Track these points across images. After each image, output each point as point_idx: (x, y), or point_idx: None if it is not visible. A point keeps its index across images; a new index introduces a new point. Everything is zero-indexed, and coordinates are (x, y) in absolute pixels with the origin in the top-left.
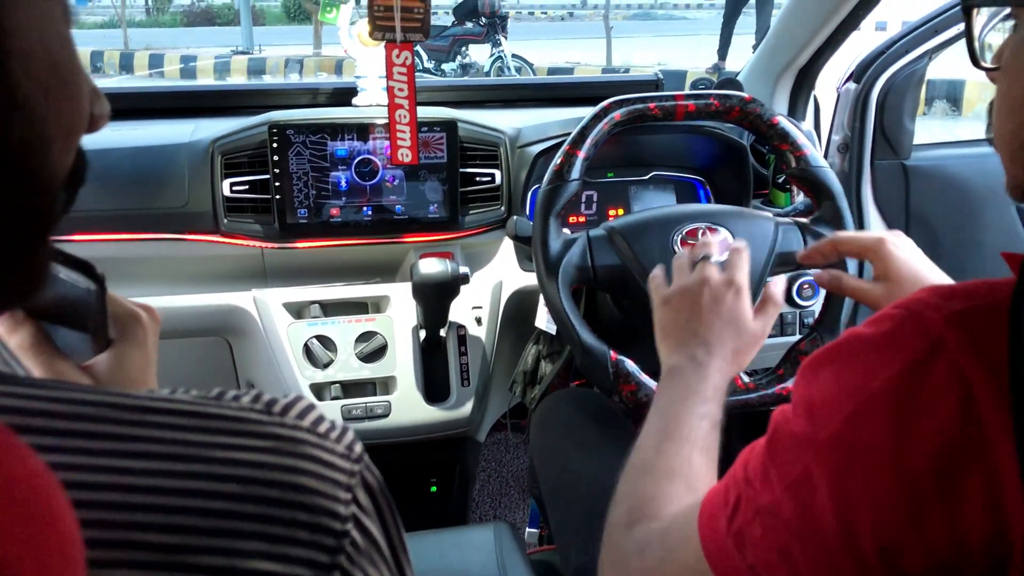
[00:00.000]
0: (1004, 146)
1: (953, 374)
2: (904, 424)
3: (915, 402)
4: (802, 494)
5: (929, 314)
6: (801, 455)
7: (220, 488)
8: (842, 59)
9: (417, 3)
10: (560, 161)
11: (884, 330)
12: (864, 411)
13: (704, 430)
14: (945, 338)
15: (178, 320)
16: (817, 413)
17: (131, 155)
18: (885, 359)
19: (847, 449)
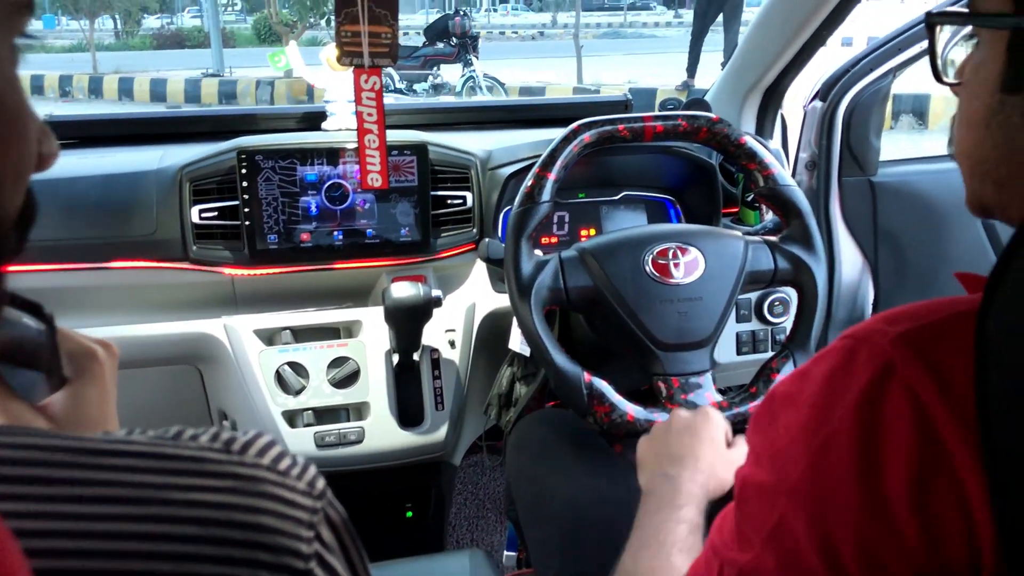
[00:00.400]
0: (964, 160)
1: (907, 395)
2: (869, 452)
3: (875, 428)
4: (781, 543)
5: (876, 339)
6: (773, 505)
7: (179, 531)
8: (808, 77)
9: (385, 28)
10: (531, 183)
11: (836, 362)
12: (828, 446)
13: (681, 533)
14: (894, 359)
15: (147, 349)
16: (781, 459)
17: (98, 183)
18: (839, 390)
19: (818, 488)
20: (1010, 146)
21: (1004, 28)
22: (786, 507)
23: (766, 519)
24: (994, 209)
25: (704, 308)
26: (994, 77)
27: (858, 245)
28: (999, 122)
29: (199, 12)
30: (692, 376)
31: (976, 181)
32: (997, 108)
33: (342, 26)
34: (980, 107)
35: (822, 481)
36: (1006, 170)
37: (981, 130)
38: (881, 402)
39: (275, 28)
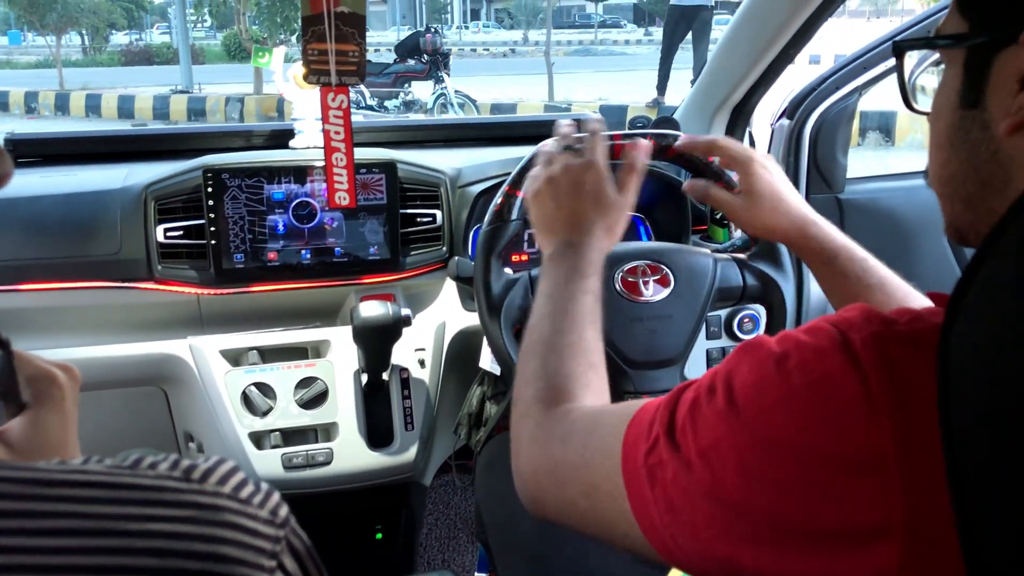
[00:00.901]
0: (936, 184)
1: (864, 394)
2: (813, 426)
3: (826, 409)
4: (711, 462)
5: (853, 334)
6: (716, 427)
7: (136, 563)
8: (776, 95)
9: (352, 47)
10: (500, 202)
11: (815, 341)
12: (780, 405)
13: (589, 304)
14: (862, 359)
15: (111, 370)
16: (738, 394)
17: (61, 202)
18: (809, 364)
19: (758, 434)
20: (973, 161)
21: (961, 47)
22: (724, 436)
23: (706, 435)
24: (967, 231)
25: (674, 326)
26: (954, 95)
27: None
28: (962, 138)
29: (168, 28)
30: (662, 394)
31: (948, 204)
32: (959, 125)
33: (309, 44)
34: (944, 127)
35: (762, 431)
36: (973, 187)
37: (947, 149)
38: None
39: (245, 45)
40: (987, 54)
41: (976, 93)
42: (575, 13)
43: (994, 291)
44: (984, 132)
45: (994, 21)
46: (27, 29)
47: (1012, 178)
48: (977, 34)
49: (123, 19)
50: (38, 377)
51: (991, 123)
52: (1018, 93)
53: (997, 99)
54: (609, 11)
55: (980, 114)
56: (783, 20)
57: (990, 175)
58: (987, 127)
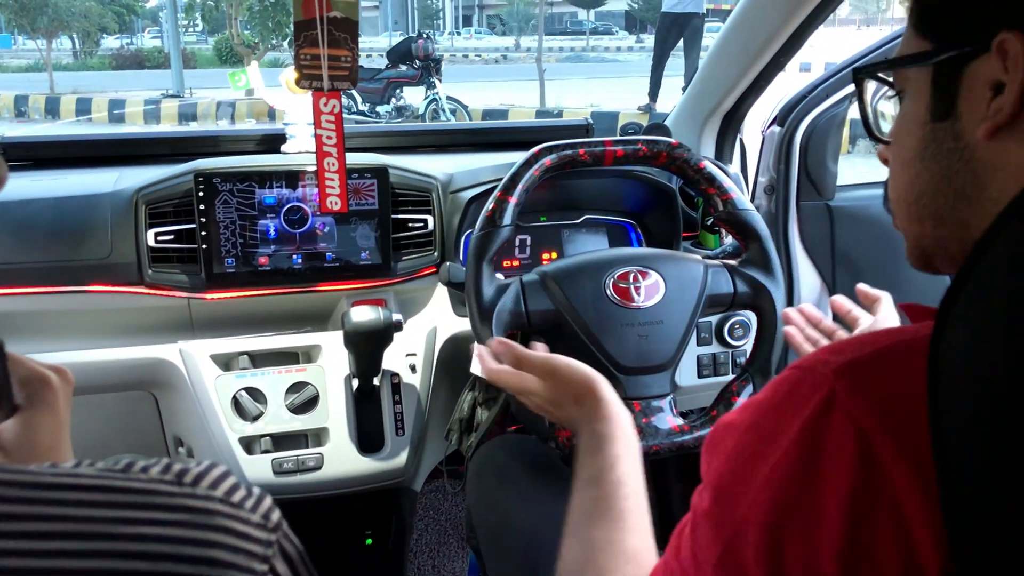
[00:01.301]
0: (901, 202)
1: (848, 424)
2: (812, 482)
3: (819, 457)
4: (730, 570)
5: (820, 369)
6: (720, 534)
7: (127, 567)
8: (767, 102)
9: (344, 52)
10: (492, 207)
11: (781, 392)
12: (774, 477)
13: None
14: (836, 390)
15: (101, 374)
16: (727, 489)
17: (52, 206)
18: (784, 420)
19: (765, 516)
20: (946, 173)
21: (927, 65)
22: (732, 538)
23: (714, 546)
24: (934, 253)
25: (665, 332)
26: (923, 111)
27: (816, 268)
28: (932, 152)
29: (159, 33)
30: (653, 399)
31: (915, 224)
32: (930, 137)
33: (301, 49)
34: (913, 143)
35: (767, 509)
36: (943, 200)
37: (916, 165)
38: (823, 432)
39: (237, 49)
40: (956, 67)
41: (947, 105)
42: (567, 20)
43: (983, 301)
44: (958, 142)
45: (959, 36)
46: (17, 33)
47: (986, 185)
48: (944, 50)
49: (114, 23)
50: (31, 379)
51: (964, 132)
52: (992, 99)
53: (970, 109)
54: (601, 18)
55: (952, 125)
56: (774, 28)
57: (962, 186)
58: (960, 137)
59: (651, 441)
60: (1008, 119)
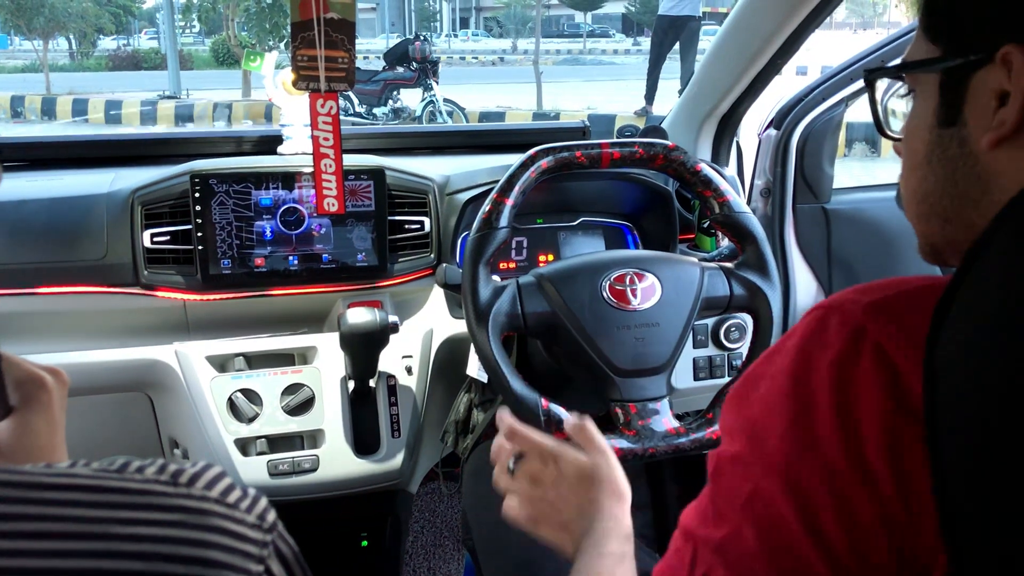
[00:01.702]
0: (911, 202)
1: (879, 357)
2: (845, 414)
3: (849, 389)
4: (759, 509)
5: (848, 307)
6: (749, 474)
7: (122, 567)
8: (764, 105)
9: (341, 53)
10: (488, 209)
11: (808, 331)
12: (805, 411)
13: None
14: (866, 326)
15: (96, 376)
16: (756, 429)
17: (47, 206)
18: (814, 356)
19: (795, 452)
20: (951, 177)
21: (935, 71)
22: (762, 476)
23: (741, 488)
24: (944, 249)
25: (661, 334)
26: (930, 115)
27: (812, 271)
28: (939, 156)
29: (156, 34)
30: (649, 402)
31: (924, 222)
32: (936, 142)
33: (298, 50)
34: (920, 147)
35: (799, 445)
36: (949, 202)
37: (924, 167)
38: (854, 364)
39: (233, 51)
40: (963, 75)
41: (953, 112)
42: (564, 22)
43: (980, 299)
44: (963, 148)
45: (966, 45)
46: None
47: (991, 190)
48: (951, 57)
49: (111, 24)
50: (25, 380)
51: (969, 139)
52: (997, 109)
53: (975, 116)
54: (598, 21)
55: (958, 131)
56: (771, 31)
57: (968, 189)
58: (965, 143)
59: (647, 443)
60: (1012, 131)
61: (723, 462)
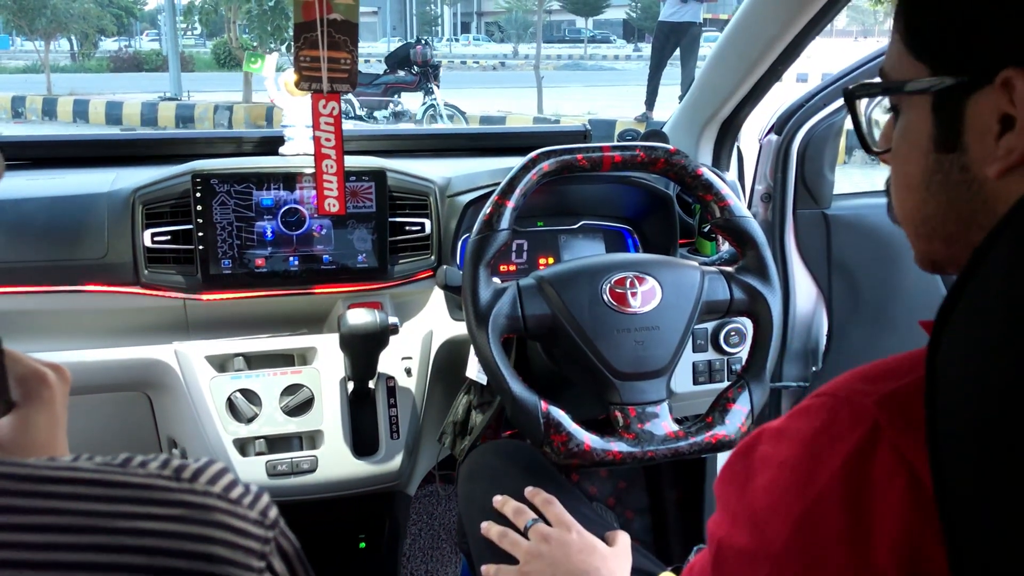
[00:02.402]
0: (908, 222)
1: (896, 459)
2: (859, 516)
3: (865, 492)
4: None
5: (859, 399)
6: (755, 572)
7: (125, 561)
8: (764, 111)
9: (343, 54)
10: (489, 211)
11: (818, 422)
12: (815, 510)
13: None
14: (880, 422)
15: (95, 375)
16: (762, 523)
17: (47, 205)
18: (825, 452)
19: (804, 553)
20: (954, 204)
21: (924, 93)
22: (770, 573)
23: None
24: (945, 263)
25: (661, 337)
26: (925, 139)
27: (812, 277)
28: (939, 181)
29: (157, 36)
30: (649, 405)
31: (923, 241)
32: (935, 168)
33: (301, 51)
34: (916, 171)
35: (808, 546)
36: (953, 226)
37: (921, 192)
38: (869, 465)
39: (235, 53)
40: (958, 97)
41: (952, 137)
42: (565, 28)
43: (980, 311)
44: (965, 174)
45: (957, 65)
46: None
47: (997, 212)
48: (940, 78)
49: (112, 25)
50: (28, 376)
51: (972, 166)
52: (1000, 134)
53: (976, 141)
54: (599, 26)
55: (959, 158)
56: (773, 36)
57: (973, 213)
58: (968, 170)
59: (646, 447)
60: (1021, 159)
61: (728, 553)
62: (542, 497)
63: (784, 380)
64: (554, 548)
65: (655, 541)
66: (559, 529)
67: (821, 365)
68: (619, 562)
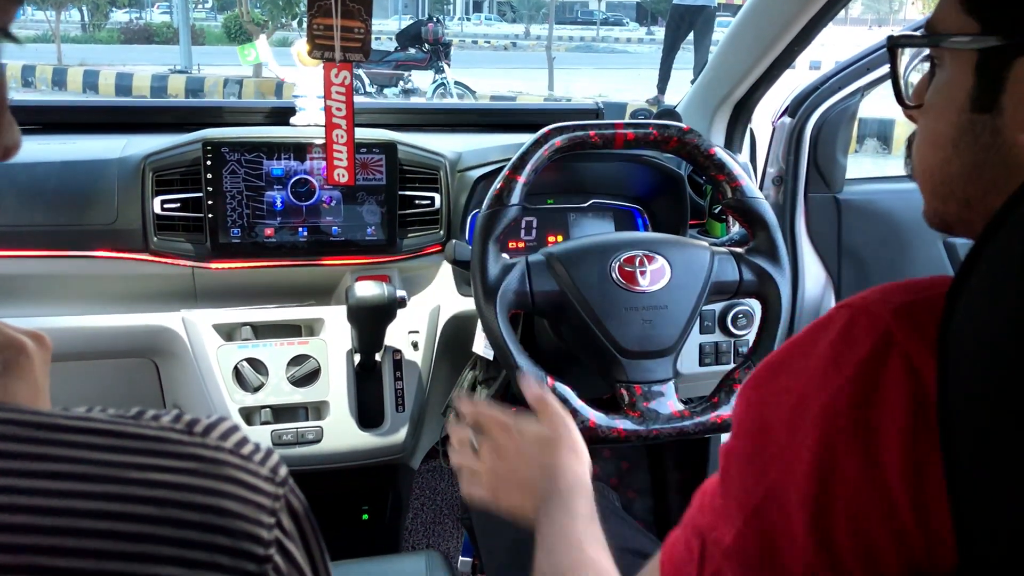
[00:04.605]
0: (927, 180)
1: (905, 365)
2: (868, 420)
3: (875, 395)
4: (771, 515)
5: (876, 308)
6: (766, 473)
7: (136, 511)
8: (778, 94)
9: (357, 23)
10: (500, 186)
11: (835, 329)
12: (828, 413)
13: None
14: (893, 330)
15: (103, 340)
16: (772, 427)
17: (58, 170)
18: (840, 358)
19: (817, 455)
20: (979, 166)
21: (970, 49)
22: (779, 474)
23: (753, 491)
24: (956, 225)
25: (669, 316)
26: (962, 97)
27: (821, 261)
28: (968, 142)
29: (168, 8)
30: (655, 384)
31: (939, 200)
32: (966, 127)
33: (314, 19)
34: (946, 127)
35: (819, 449)
36: (974, 189)
37: (948, 150)
38: (880, 370)
39: (246, 27)
40: (1004, 58)
41: (991, 98)
42: (577, 9)
43: (996, 276)
44: (996, 137)
45: (1012, 23)
46: (27, 3)
47: (1021, 178)
48: (990, 36)
49: None
50: (6, 346)
51: (1004, 129)
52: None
53: (1014, 105)
54: (612, 8)
55: (992, 119)
56: (788, 18)
57: (995, 177)
58: (999, 133)
59: (651, 425)
60: None
61: (734, 460)
62: (471, 410)
63: None
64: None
65: (656, 522)
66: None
67: None
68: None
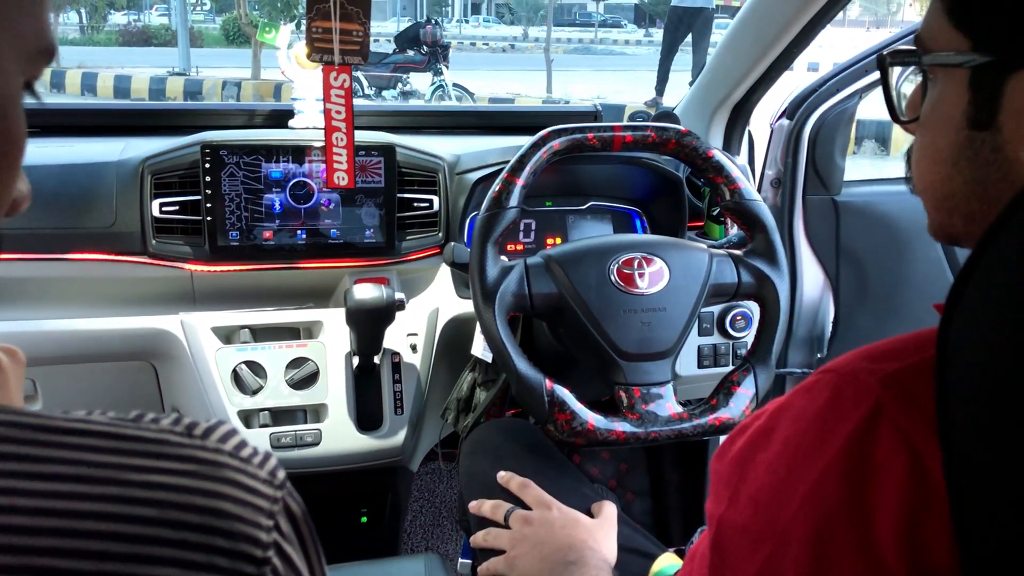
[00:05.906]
0: (930, 195)
1: (898, 437)
2: (861, 494)
3: (868, 470)
4: None
5: (863, 377)
6: (760, 548)
7: (135, 512)
8: (776, 96)
9: (356, 26)
10: (498, 188)
11: (822, 399)
12: (819, 488)
13: None
14: (883, 401)
15: (101, 343)
16: (766, 501)
17: (56, 172)
18: (828, 430)
19: (810, 529)
20: (982, 182)
21: (963, 66)
22: (774, 550)
23: (750, 564)
24: (961, 238)
25: (667, 319)
26: (959, 114)
27: (820, 263)
28: (968, 158)
29: (167, 10)
30: (653, 386)
31: (943, 215)
32: (965, 144)
33: (313, 22)
34: (945, 145)
35: (812, 524)
36: (978, 204)
37: (948, 167)
38: (872, 443)
39: (244, 29)
40: (998, 75)
41: (988, 115)
42: (576, 11)
43: (995, 283)
44: (996, 154)
45: (1004, 41)
46: None
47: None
48: (982, 53)
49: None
50: None
51: (1004, 145)
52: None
53: (1012, 121)
54: (610, 10)
55: (992, 136)
56: (787, 19)
57: (999, 193)
58: (1000, 149)
59: (650, 427)
60: None
61: (728, 531)
62: (517, 482)
63: (789, 366)
64: (537, 528)
65: (656, 523)
66: (539, 509)
67: (826, 352)
68: (604, 531)
